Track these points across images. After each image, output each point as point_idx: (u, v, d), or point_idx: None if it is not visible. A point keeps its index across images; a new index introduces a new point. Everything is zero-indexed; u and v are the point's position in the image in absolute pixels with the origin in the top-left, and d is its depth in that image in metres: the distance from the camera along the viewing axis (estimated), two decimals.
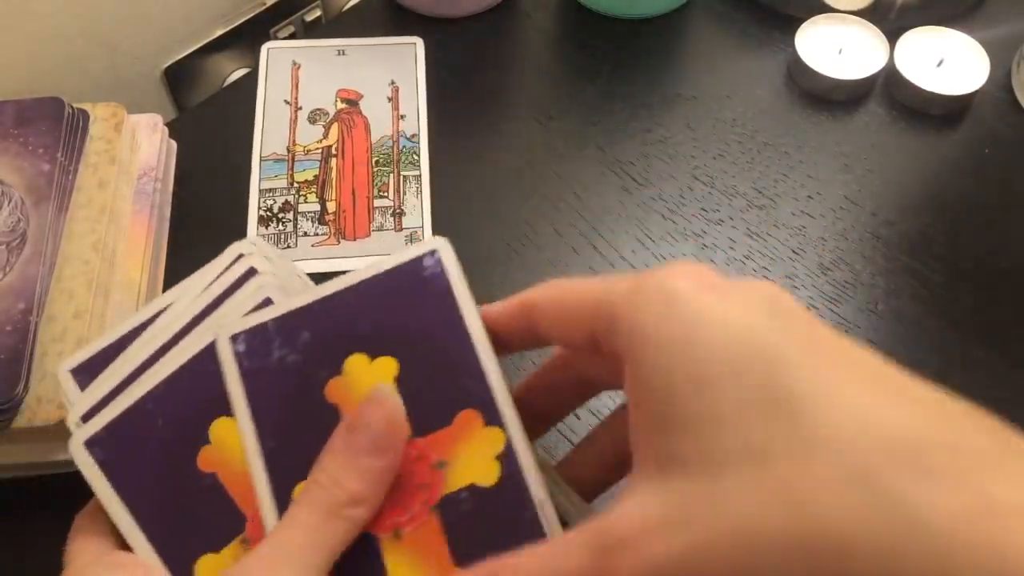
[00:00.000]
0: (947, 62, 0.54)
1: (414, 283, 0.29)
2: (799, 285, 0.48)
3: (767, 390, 0.20)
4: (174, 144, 0.51)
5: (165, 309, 0.31)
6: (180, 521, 0.28)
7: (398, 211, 0.50)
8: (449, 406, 0.28)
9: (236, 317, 0.29)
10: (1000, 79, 0.55)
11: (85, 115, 0.45)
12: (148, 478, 0.29)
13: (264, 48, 0.57)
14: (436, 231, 0.49)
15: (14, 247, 0.40)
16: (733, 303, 0.22)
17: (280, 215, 0.50)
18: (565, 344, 0.26)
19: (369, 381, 0.28)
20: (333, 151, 0.52)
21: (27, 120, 0.43)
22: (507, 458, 0.27)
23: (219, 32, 0.61)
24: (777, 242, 0.49)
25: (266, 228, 0.49)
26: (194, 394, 0.29)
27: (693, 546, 0.20)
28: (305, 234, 0.49)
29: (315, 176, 0.51)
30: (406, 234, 0.49)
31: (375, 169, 0.51)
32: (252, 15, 0.62)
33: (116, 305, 0.42)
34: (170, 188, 0.50)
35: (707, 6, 0.59)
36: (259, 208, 0.50)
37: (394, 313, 0.29)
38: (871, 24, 0.55)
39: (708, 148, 0.53)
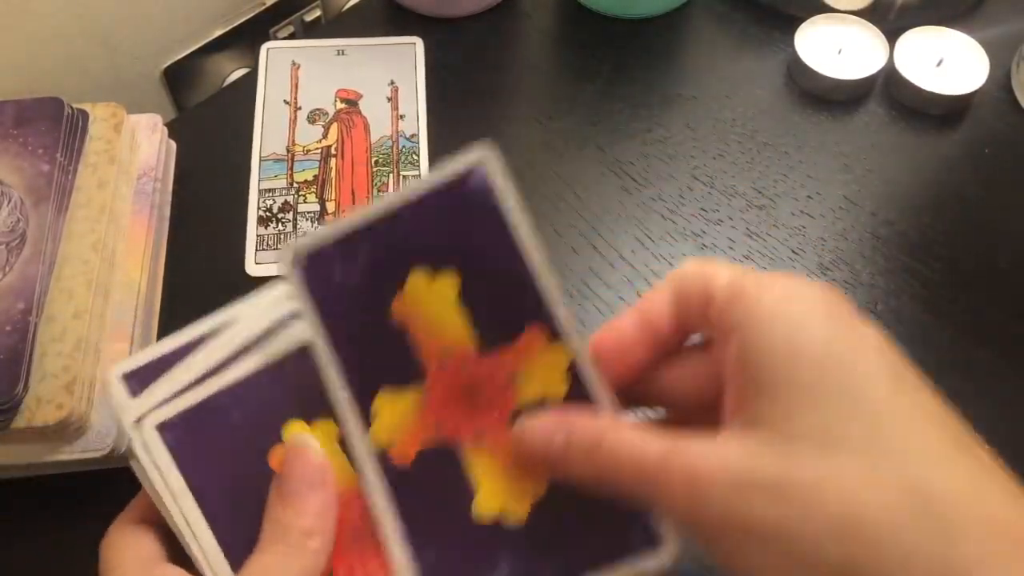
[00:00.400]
0: (947, 62, 0.54)
1: (464, 198, 0.29)
2: None
3: (857, 396, 0.23)
4: (174, 144, 0.51)
5: (226, 325, 0.31)
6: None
7: None
8: (514, 321, 0.29)
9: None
10: (1000, 79, 0.55)
11: (85, 115, 0.45)
12: (218, 469, 0.29)
13: (264, 48, 0.57)
14: None
15: (14, 247, 0.40)
16: (851, 321, 0.25)
17: (280, 215, 0.50)
18: (682, 303, 0.28)
19: (431, 300, 0.29)
20: (333, 151, 0.52)
21: (27, 120, 0.43)
22: (574, 371, 0.28)
23: (219, 32, 0.61)
24: (777, 242, 0.49)
25: (265, 228, 0.49)
26: (272, 394, 0.30)
27: (739, 481, 0.23)
28: (304, 234, 0.49)
29: (315, 176, 0.51)
30: None
31: (374, 169, 0.51)
32: (252, 15, 0.62)
33: (116, 305, 0.42)
34: (170, 188, 0.50)
35: (707, 6, 0.59)
36: (259, 208, 0.50)
37: (448, 229, 0.29)
38: (871, 24, 0.55)
39: (708, 148, 0.53)
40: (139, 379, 0.30)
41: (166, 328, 0.45)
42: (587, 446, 0.26)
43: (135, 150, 0.47)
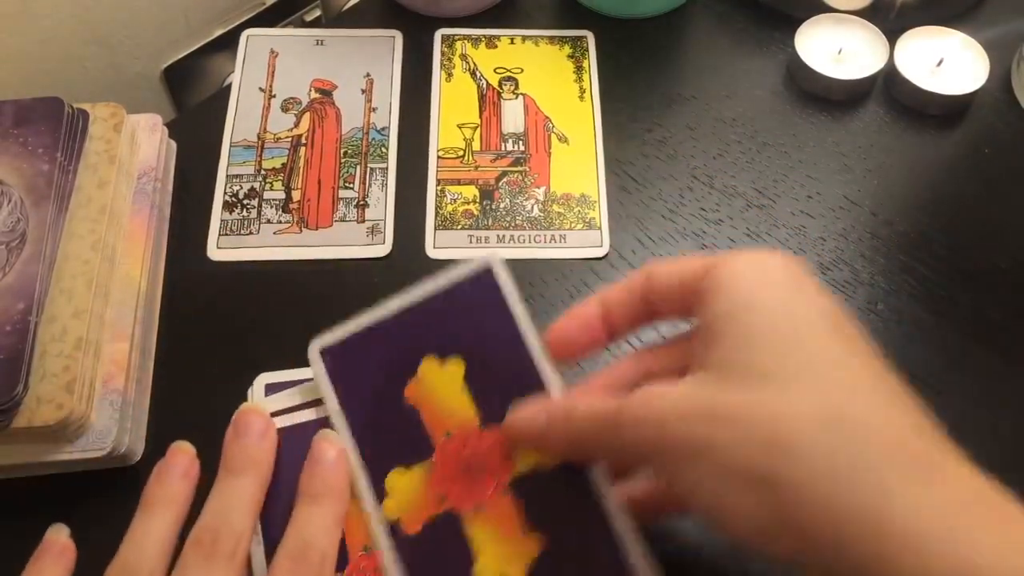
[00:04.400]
0: (947, 62, 0.54)
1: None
2: None
3: (796, 340, 0.26)
4: (174, 144, 0.51)
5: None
6: (383, 436, 0.33)
7: (362, 203, 0.50)
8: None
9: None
10: (1000, 79, 0.55)
11: (85, 115, 0.45)
12: (363, 392, 0.33)
13: (244, 35, 0.56)
14: (399, 226, 0.49)
15: (14, 247, 0.40)
16: (803, 282, 0.28)
17: (244, 201, 0.50)
18: (664, 294, 0.31)
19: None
20: (303, 140, 0.52)
21: (27, 120, 0.43)
22: None
23: (219, 32, 0.61)
24: (777, 242, 0.49)
25: (230, 213, 0.49)
26: (416, 330, 0.34)
27: (678, 408, 0.26)
28: (268, 221, 0.49)
29: (283, 164, 0.51)
30: (368, 226, 0.49)
31: (343, 160, 0.51)
32: (252, 15, 0.62)
33: (116, 305, 0.42)
34: (170, 187, 0.50)
35: (707, 6, 0.59)
36: (225, 193, 0.50)
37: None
38: (871, 24, 0.55)
39: (708, 148, 0.53)
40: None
41: (166, 328, 0.45)
42: (562, 415, 0.30)
43: (135, 150, 0.47)
